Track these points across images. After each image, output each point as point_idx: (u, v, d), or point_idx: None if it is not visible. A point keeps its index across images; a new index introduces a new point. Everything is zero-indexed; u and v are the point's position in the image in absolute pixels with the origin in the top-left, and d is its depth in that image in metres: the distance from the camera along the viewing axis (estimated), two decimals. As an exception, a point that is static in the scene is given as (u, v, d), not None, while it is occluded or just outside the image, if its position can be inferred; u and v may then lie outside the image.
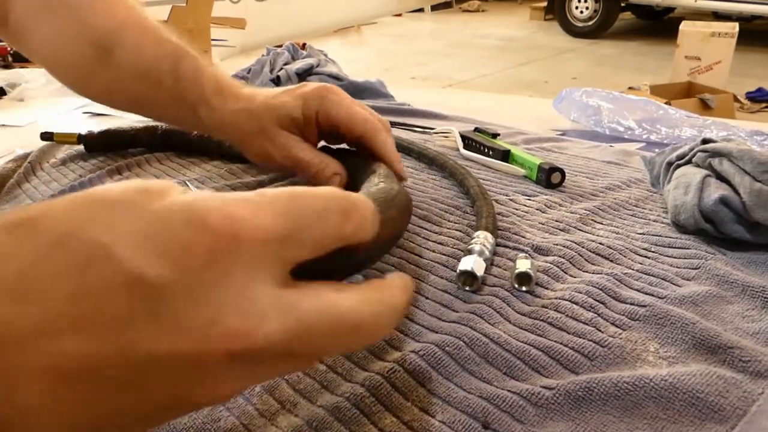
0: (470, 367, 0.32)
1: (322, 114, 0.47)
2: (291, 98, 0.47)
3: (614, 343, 0.32)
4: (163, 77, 0.49)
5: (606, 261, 0.42)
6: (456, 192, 0.55)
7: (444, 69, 4.73)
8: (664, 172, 0.52)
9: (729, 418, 0.27)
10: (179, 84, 0.49)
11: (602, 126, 0.84)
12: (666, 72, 3.73)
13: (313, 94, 0.47)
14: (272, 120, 0.47)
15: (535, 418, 0.28)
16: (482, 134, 0.68)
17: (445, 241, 0.45)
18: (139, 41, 0.50)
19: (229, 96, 0.49)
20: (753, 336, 0.33)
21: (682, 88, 3.08)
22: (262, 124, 0.47)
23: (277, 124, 0.47)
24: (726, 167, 0.45)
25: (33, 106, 1.05)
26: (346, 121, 0.46)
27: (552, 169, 0.55)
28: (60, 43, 0.52)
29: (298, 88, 0.48)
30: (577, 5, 5.84)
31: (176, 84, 0.49)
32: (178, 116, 0.53)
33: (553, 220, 0.49)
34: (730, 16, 5.12)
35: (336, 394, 0.31)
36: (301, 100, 0.47)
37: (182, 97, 0.49)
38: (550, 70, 4.65)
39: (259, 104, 0.48)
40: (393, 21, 7.14)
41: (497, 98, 1.40)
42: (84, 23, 0.51)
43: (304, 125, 0.47)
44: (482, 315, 0.36)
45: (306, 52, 1.13)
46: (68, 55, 0.52)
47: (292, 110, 0.47)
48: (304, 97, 0.47)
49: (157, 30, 0.51)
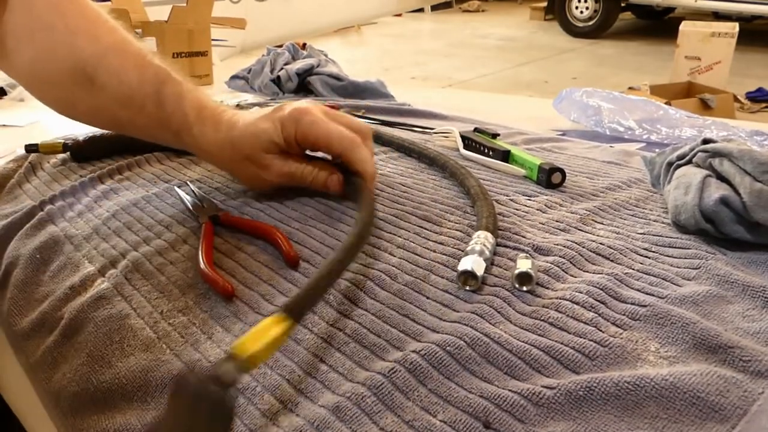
0: (471, 366, 0.32)
1: (300, 135, 0.50)
2: (270, 124, 0.50)
3: (615, 342, 0.32)
4: (145, 102, 0.51)
5: (606, 261, 0.42)
6: (456, 192, 0.55)
7: (444, 69, 4.73)
8: (665, 173, 0.52)
9: (729, 418, 0.27)
10: (162, 110, 0.51)
11: (602, 126, 0.84)
12: (666, 72, 3.73)
13: (289, 118, 0.50)
14: (256, 147, 0.50)
15: (536, 417, 0.28)
16: (482, 134, 0.68)
17: (445, 241, 0.45)
18: (122, 66, 0.51)
19: (210, 124, 0.51)
20: (753, 336, 0.33)
21: (682, 88, 3.08)
22: (247, 152, 0.50)
23: (261, 150, 0.50)
24: (726, 167, 0.45)
25: (34, 106, 1.04)
26: (324, 140, 0.50)
27: (552, 169, 0.55)
28: (44, 65, 0.52)
29: (274, 112, 0.51)
30: (577, 5, 5.84)
31: (159, 110, 0.51)
32: (163, 139, 0.55)
33: (554, 220, 0.49)
34: (730, 16, 5.12)
35: (337, 394, 0.31)
36: (279, 124, 0.50)
37: (166, 122, 0.51)
38: (550, 70, 4.65)
39: (241, 133, 0.50)
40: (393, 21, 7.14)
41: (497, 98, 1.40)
42: (69, 46, 0.51)
43: (287, 146, 0.50)
44: (483, 315, 0.36)
45: (306, 52, 1.13)
46: (52, 77, 0.52)
47: (273, 136, 0.50)
48: (282, 121, 0.50)
49: (140, 53, 0.52)
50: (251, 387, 0.32)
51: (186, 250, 0.46)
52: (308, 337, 0.35)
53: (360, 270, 0.41)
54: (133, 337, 0.37)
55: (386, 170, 0.61)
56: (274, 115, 0.50)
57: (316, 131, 0.49)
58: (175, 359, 0.35)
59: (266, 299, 0.39)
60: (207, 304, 0.40)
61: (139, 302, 0.41)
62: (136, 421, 0.32)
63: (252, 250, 0.45)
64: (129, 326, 0.38)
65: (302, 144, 0.50)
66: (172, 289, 0.42)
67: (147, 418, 0.32)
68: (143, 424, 0.31)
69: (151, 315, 0.39)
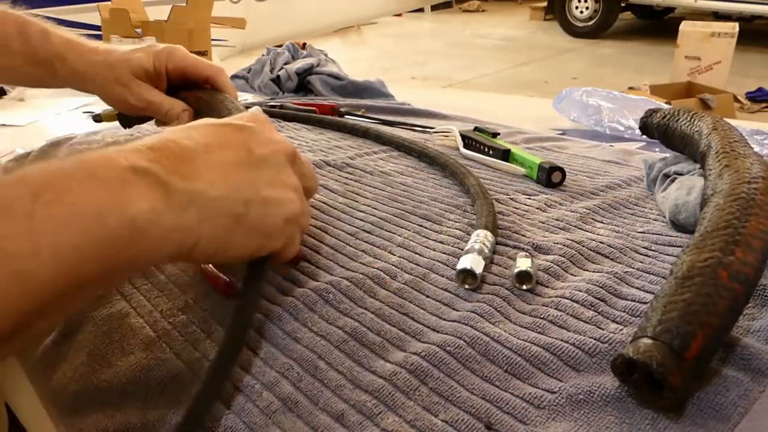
0: (472, 365, 0.32)
1: (171, 65, 0.57)
2: (144, 54, 0.57)
3: (615, 339, 0.32)
4: (10, 42, 0.54)
5: (606, 259, 0.42)
6: (456, 191, 0.55)
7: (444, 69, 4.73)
8: (661, 180, 0.52)
9: (730, 417, 0.27)
10: (28, 45, 0.54)
11: (602, 125, 0.84)
12: (666, 72, 3.73)
13: (162, 51, 0.57)
14: (128, 71, 0.56)
15: (538, 418, 0.28)
16: (482, 134, 0.68)
17: (445, 240, 0.45)
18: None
19: (86, 51, 0.56)
20: (753, 334, 0.33)
21: (682, 88, 3.08)
22: (119, 74, 0.56)
23: (133, 75, 0.56)
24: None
25: (33, 105, 1.05)
26: (194, 66, 0.58)
27: (552, 168, 0.55)
28: None
29: (150, 46, 0.58)
30: (577, 5, 5.84)
31: (25, 45, 0.54)
32: (32, 76, 0.58)
33: (554, 218, 0.49)
34: (730, 16, 5.12)
35: (337, 394, 0.31)
36: (152, 55, 0.57)
37: (34, 56, 0.55)
38: (550, 70, 4.65)
39: (117, 58, 0.56)
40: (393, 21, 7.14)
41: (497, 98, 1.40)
42: None
43: (155, 76, 0.57)
44: (483, 314, 0.36)
45: (306, 51, 1.13)
46: None
47: (144, 63, 0.56)
48: (155, 52, 0.57)
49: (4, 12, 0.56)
50: (250, 385, 0.32)
51: (186, 249, 0.46)
52: (308, 335, 0.35)
53: (360, 269, 0.41)
54: (132, 336, 0.37)
55: (386, 169, 0.61)
56: (148, 48, 0.57)
57: (186, 61, 0.58)
58: (175, 358, 0.35)
59: (266, 298, 0.39)
60: (207, 302, 0.39)
61: (138, 301, 0.41)
62: (136, 420, 0.31)
63: (252, 249, 0.45)
64: (129, 325, 0.38)
65: (171, 72, 0.57)
66: (172, 288, 0.41)
67: (147, 418, 0.31)
68: (143, 423, 0.31)
69: (151, 314, 0.39)
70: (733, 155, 0.43)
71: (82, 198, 0.25)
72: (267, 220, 0.34)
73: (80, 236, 0.24)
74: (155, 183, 0.27)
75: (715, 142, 0.46)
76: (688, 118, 0.54)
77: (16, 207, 0.23)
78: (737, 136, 0.47)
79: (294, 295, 0.39)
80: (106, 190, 0.26)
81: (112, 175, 0.26)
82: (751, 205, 0.35)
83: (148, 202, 0.27)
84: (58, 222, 0.24)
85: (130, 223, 0.26)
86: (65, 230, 0.24)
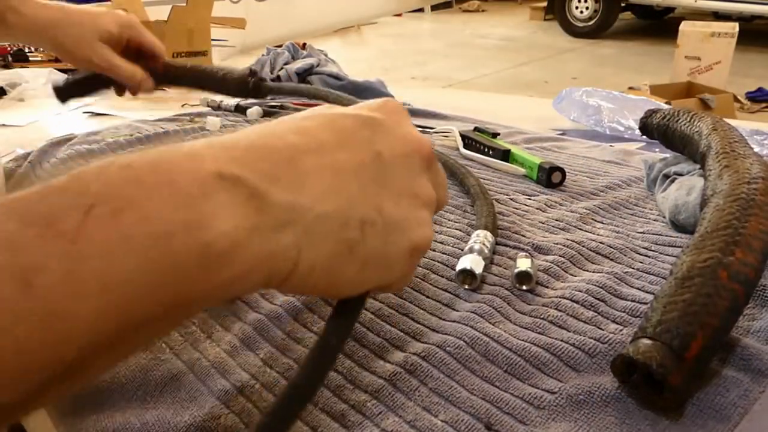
0: (472, 366, 0.32)
1: (134, 37, 0.62)
2: (110, 19, 0.60)
3: (615, 339, 0.32)
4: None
5: (606, 260, 0.42)
6: (456, 191, 0.55)
7: (444, 69, 4.73)
8: (661, 180, 0.52)
9: (730, 417, 0.27)
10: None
11: (602, 125, 0.84)
12: (666, 72, 3.73)
13: (127, 20, 0.62)
14: (94, 32, 0.59)
15: (538, 419, 0.28)
16: (482, 134, 0.68)
17: (445, 240, 0.45)
18: None
19: (38, 5, 0.57)
20: (753, 334, 0.33)
21: (682, 88, 3.08)
22: (85, 33, 0.59)
23: (98, 37, 0.59)
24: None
25: (33, 105, 1.05)
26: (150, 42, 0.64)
27: (552, 168, 0.55)
28: None
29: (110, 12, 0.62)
30: (577, 5, 5.84)
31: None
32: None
33: (554, 219, 0.49)
34: (730, 16, 5.11)
35: (337, 394, 0.31)
36: (119, 23, 0.61)
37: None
38: (550, 70, 4.65)
39: (83, 17, 0.59)
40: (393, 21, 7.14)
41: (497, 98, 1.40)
42: None
43: (116, 43, 0.60)
44: (483, 314, 0.36)
45: (306, 51, 1.13)
46: None
47: (111, 28, 0.60)
48: (121, 22, 0.61)
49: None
50: (250, 385, 0.32)
51: (186, 250, 0.46)
52: (307, 335, 0.35)
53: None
54: (132, 337, 0.37)
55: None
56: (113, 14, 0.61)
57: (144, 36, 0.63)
58: (174, 358, 0.35)
59: (266, 298, 0.39)
60: (206, 303, 0.39)
61: (138, 301, 0.41)
62: (136, 421, 0.31)
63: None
64: (128, 325, 0.38)
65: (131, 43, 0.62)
66: (172, 289, 0.41)
67: (146, 418, 0.31)
68: (142, 423, 0.31)
69: (151, 314, 0.39)
70: (732, 156, 0.43)
71: (148, 215, 0.19)
72: (389, 248, 0.25)
73: (136, 265, 0.18)
74: (246, 196, 0.21)
75: (715, 142, 0.46)
76: (688, 119, 0.54)
77: (60, 225, 0.17)
78: (737, 136, 0.47)
79: (293, 296, 0.39)
80: (182, 206, 0.19)
81: (193, 185, 0.20)
82: (750, 205, 0.35)
83: (231, 222, 0.20)
84: (110, 245, 0.18)
85: (205, 247, 0.19)
86: (116, 256, 0.18)
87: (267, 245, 0.21)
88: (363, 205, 0.24)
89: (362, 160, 0.25)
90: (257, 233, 0.21)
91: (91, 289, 0.17)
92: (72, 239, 0.17)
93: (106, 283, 0.18)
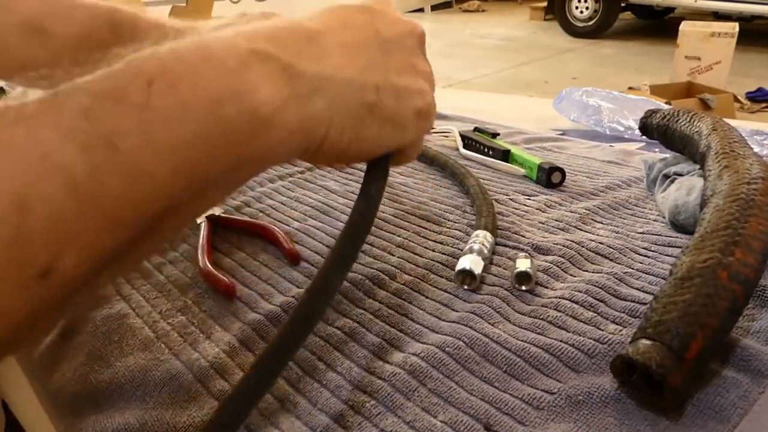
0: (471, 366, 0.32)
1: None
2: None
3: (614, 339, 0.32)
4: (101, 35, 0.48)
5: (606, 260, 0.42)
6: (456, 191, 0.55)
7: (444, 69, 4.73)
8: (661, 181, 0.52)
9: (730, 417, 0.27)
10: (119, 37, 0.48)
11: (602, 126, 0.84)
12: (666, 72, 3.73)
13: None
14: None
15: (537, 419, 0.28)
16: (482, 134, 0.68)
17: (445, 241, 0.45)
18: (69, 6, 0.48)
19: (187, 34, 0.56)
20: (753, 335, 0.33)
21: (682, 88, 3.08)
22: None
23: None
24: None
25: (33, 106, 1.04)
26: None
27: (552, 168, 0.55)
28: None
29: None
30: (577, 5, 5.84)
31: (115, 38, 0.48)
32: None
33: (553, 219, 0.49)
34: (730, 16, 5.11)
35: (336, 395, 0.31)
36: None
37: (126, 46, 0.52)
38: (550, 70, 4.65)
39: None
40: (393, 21, 7.13)
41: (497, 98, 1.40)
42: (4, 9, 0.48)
43: None
44: (482, 315, 0.36)
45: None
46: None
47: None
48: None
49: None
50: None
51: (185, 250, 0.46)
52: (307, 336, 0.35)
53: (359, 269, 0.41)
54: (132, 337, 0.37)
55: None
56: None
57: None
58: (173, 359, 0.35)
59: (265, 298, 0.39)
60: (206, 303, 0.39)
61: (138, 302, 0.41)
62: (135, 421, 0.31)
63: (251, 249, 0.45)
64: (128, 326, 0.38)
65: None
66: (171, 289, 0.41)
67: (146, 418, 0.31)
68: (142, 423, 0.31)
69: (150, 314, 0.39)
70: (732, 156, 0.42)
71: (198, 85, 0.21)
72: (400, 110, 0.30)
73: (196, 130, 0.21)
74: (279, 68, 0.24)
75: (715, 142, 0.46)
76: (688, 119, 0.54)
77: (130, 97, 0.20)
78: (737, 136, 0.47)
79: (293, 296, 0.39)
80: (225, 76, 0.22)
81: (231, 59, 0.23)
82: (750, 206, 0.35)
83: (271, 89, 0.23)
84: (173, 113, 0.21)
85: (252, 113, 0.23)
86: (179, 123, 0.21)
87: (303, 110, 0.25)
88: (374, 73, 0.29)
89: (366, 38, 0.29)
90: (293, 100, 0.24)
91: (165, 152, 0.20)
92: (142, 109, 0.20)
93: (174, 146, 0.20)
